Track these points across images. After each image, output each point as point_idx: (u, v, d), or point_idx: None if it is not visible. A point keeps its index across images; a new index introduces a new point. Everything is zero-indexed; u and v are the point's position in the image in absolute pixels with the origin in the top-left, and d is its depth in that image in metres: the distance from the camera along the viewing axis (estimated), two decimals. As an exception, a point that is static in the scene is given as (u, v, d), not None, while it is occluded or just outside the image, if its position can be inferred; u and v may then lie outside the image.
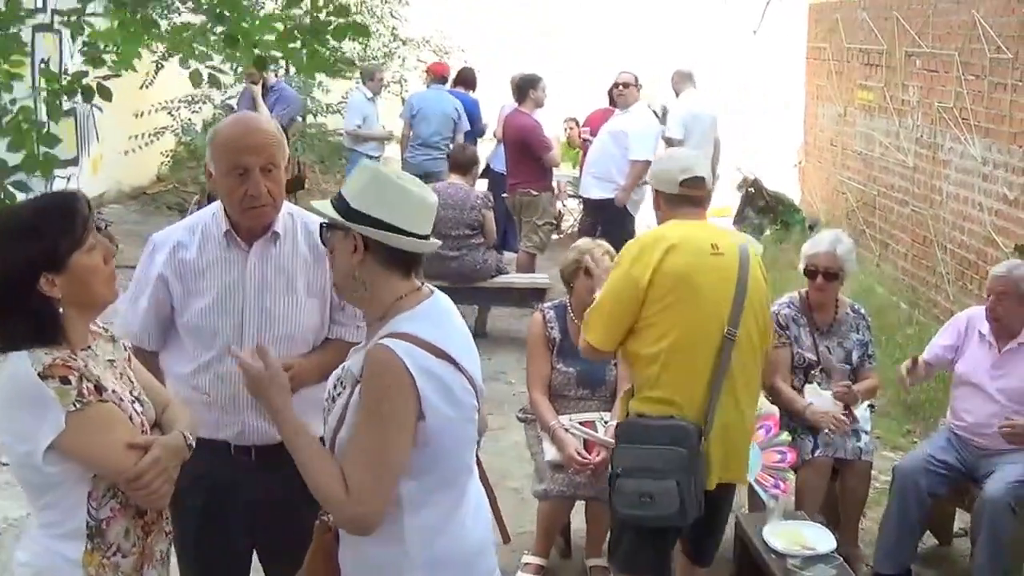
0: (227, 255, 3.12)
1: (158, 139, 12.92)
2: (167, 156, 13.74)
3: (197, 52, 4.09)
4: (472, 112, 10.86)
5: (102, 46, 4.36)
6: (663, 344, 3.71)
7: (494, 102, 11.18)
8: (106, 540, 2.54)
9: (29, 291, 2.44)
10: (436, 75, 11.03)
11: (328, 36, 4.17)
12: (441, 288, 9.13)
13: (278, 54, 4.53)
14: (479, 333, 8.67)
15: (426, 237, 2.54)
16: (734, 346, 3.72)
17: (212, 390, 3.10)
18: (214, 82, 4.41)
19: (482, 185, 10.05)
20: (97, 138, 12.32)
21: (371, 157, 11.22)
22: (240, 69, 9.81)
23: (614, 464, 3.80)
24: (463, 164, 8.53)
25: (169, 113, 12.81)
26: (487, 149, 11.17)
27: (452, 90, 11.08)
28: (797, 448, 4.78)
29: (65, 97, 4.51)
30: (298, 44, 4.12)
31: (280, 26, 4.19)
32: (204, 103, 12.70)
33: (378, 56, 13.99)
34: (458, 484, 2.58)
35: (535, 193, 9.24)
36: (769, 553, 4.25)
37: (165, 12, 8.79)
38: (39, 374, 2.40)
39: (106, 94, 4.44)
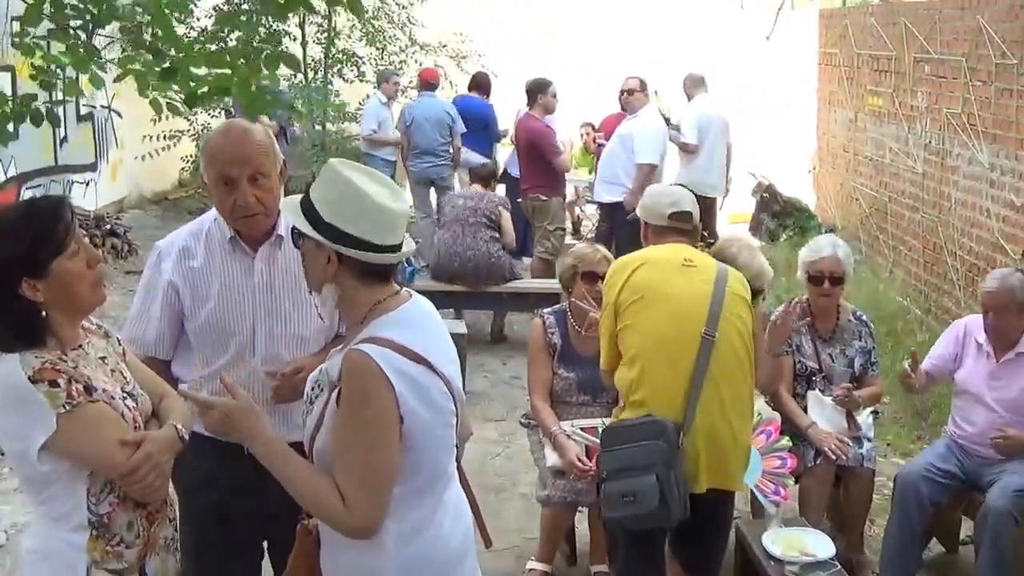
0: (233, 261, 3.17)
1: (174, 145, 13.00)
2: (188, 161, 13.83)
3: (152, 82, 4.01)
4: (488, 116, 10.84)
5: (56, 69, 4.35)
6: (636, 348, 3.82)
7: (493, 103, 11.17)
8: (110, 531, 2.59)
9: (12, 295, 2.48)
10: (425, 82, 10.93)
11: (261, 65, 4.09)
12: (459, 293, 9.16)
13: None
14: (496, 338, 8.77)
15: (399, 247, 2.54)
16: (714, 347, 3.77)
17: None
18: (173, 110, 4.35)
19: (500, 191, 10.05)
20: (116, 143, 12.43)
21: (387, 161, 11.29)
22: None
23: (600, 471, 3.86)
24: (483, 176, 8.84)
25: (186, 118, 12.86)
26: (507, 153, 11.23)
27: (466, 95, 11.09)
28: (798, 453, 4.78)
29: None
30: (230, 74, 4.02)
31: (209, 52, 4.13)
32: (222, 108, 12.73)
33: (395, 62, 14.06)
34: (436, 489, 2.59)
35: (544, 198, 9.18)
36: (768, 560, 4.26)
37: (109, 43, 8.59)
38: (29, 378, 2.44)
39: (54, 120, 4.43)
